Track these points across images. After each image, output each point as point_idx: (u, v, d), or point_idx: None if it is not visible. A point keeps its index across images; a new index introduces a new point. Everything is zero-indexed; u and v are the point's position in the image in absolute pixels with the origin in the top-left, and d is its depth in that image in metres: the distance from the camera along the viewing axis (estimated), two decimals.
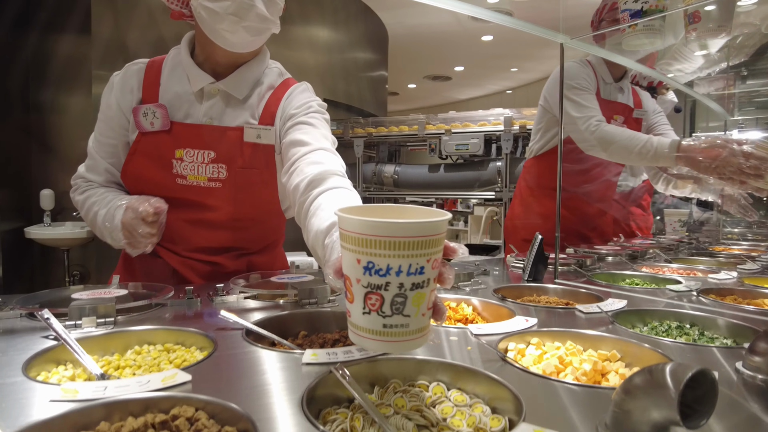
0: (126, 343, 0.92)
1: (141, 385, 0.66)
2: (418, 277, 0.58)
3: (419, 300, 0.59)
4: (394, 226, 0.55)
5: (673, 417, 0.49)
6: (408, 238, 0.56)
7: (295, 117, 1.33)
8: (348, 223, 0.58)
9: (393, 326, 0.59)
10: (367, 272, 0.57)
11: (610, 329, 1.01)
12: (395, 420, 0.66)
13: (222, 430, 0.60)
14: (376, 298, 0.58)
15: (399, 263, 0.56)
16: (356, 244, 0.57)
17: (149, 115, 1.30)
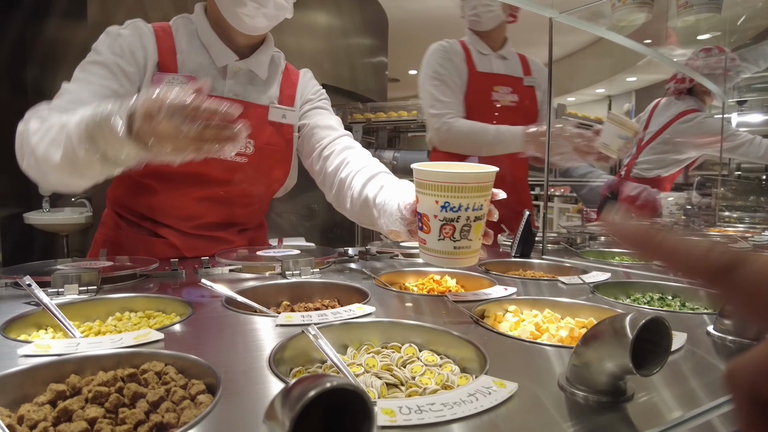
0: (108, 311, 0.94)
1: (113, 342, 0.67)
2: (479, 211, 0.83)
3: (478, 228, 0.84)
4: (466, 176, 0.79)
5: (626, 364, 0.49)
6: (474, 184, 0.80)
7: (312, 101, 1.44)
8: (427, 174, 0.81)
9: (461, 248, 0.84)
10: (443, 209, 0.81)
11: (590, 299, 1.02)
12: (364, 378, 0.67)
13: (189, 383, 0.61)
14: (450, 228, 0.82)
15: (468, 202, 0.81)
16: (435, 190, 0.81)
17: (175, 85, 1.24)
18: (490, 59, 2.05)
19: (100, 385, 0.59)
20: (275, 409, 0.35)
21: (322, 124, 1.38)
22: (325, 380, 0.34)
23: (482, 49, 2.05)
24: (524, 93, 2.08)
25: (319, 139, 1.36)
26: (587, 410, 0.52)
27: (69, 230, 3.66)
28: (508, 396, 0.53)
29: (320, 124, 1.38)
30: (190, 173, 1.26)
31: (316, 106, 1.44)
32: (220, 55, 1.29)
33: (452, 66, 1.99)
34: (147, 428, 0.54)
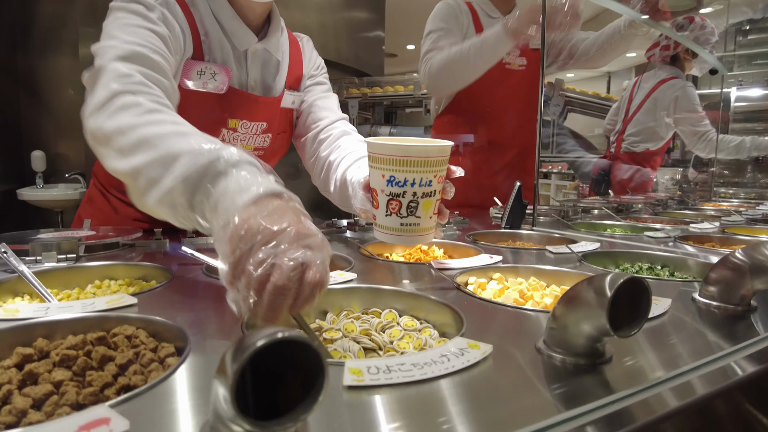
0: (88, 279, 0.92)
1: (85, 307, 0.66)
2: (427, 188, 0.78)
3: (427, 206, 0.80)
4: (409, 148, 0.75)
5: (603, 325, 0.48)
6: (420, 158, 0.76)
7: (315, 77, 1.36)
8: (375, 147, 0.78)
9: (408, 225, 0.80)
10: (389, 184, 0.78)
11: (577, 267, 1.00)
12: (342, 343, 0.66)
13: (159, 346, 0.59)
14: (396, 203, 0.79)
15: (413, 177, 0.77)
16: (381, 163, 0.77)
17: (206, 75, 1.12)
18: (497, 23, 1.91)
19: (69, 348, 0.58)
20: (225, 361, 0.33)
21: (321, 104, 1.32)
22: (274, 331, 0.32)
23: (491, 12, 1.97)
24: (532, 57, 2.00)
25: (316, 120, 1.30)
26: (564, 372, 0.51)
27: (63, 206, 3.63)
28: (482, 357, 0.52)
29: (319, 104, 1.32)
30: None
31: (317, 81, 1.37)
32: (242, 37, 1.16)
33: (456, 23, 1.90)
34: (114, 390, 0.53)
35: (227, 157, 0.65)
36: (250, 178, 0.62)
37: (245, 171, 0.64)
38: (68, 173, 3.75)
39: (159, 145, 0.70)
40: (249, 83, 1.23)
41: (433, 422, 0.41)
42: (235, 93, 1.18)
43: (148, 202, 0.70)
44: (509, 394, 0.46)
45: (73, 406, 0.50)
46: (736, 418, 0.51)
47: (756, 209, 2.11)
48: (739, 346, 0.58)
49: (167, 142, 0.70)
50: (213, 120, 1.17)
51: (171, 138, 0.71)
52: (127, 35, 0.92)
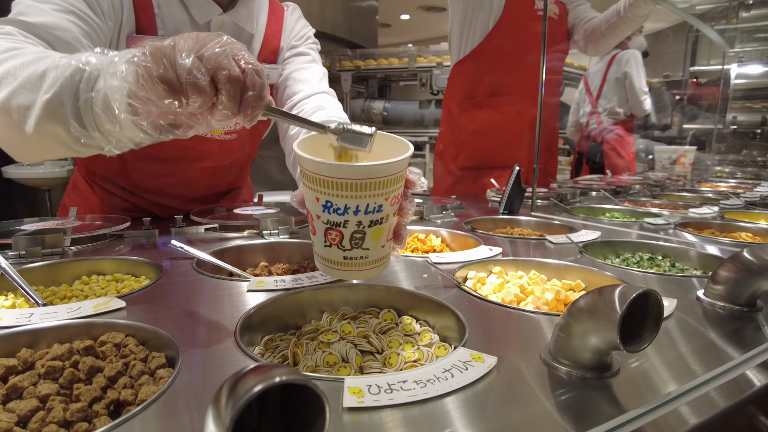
0: (74, 274, 0.89)
1: (70, 312, 0.63)
2: (376, 214, 0.59)
3: (378, 235, 0.61)
4: (350, 169, 0.56)
5: (612, 340, 0.46)
6: (365, 180, 0.56)
7: (296, 47, 1.24)
8: (305, 162, 0.58)
9: (353, 258, 0.62)
10: (326, 210, 0.59)
11: (578, 260, 0.98)
12: (339, 346, 0.64)
13: (150, 356, 0.57)
14: (336, 234, 0.60)
15: (357, 203, 0.57)
16: (314, 183, 0.58)
17: None
18: None
19: (54, 359, 0.55)
20: (221, 399, 0.31)
21: (297, 76, 1.19)
22: (273, 374, 0.30)
23: None
24: (561, 8, 1.95)
25: (290, 95, 1.17)
26: (571, 387, 0.49)
27: (50, 184, 3.56)
28: (486, 371, 0.50)
29: (294, 76, 1.20)
30: (179, 154, 1.17)
31: (299, 52, 1.24)
32: (202, 8, 1.08)
33: None
34: (103, 405, 0.50)
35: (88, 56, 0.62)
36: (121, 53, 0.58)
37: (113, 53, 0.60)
38: None
39: (20, 74, 0.66)
40: None
41: None
42: None
43: (28, 130, 0.65)
44: (516, 414, 0.45)
45: (60, 424, 0.48)
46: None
47: (754, 191, 2.09)
48: (750, 354, 0.56)
49: (28, 69, 0.66)
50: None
51: (31, 65, 0.66)
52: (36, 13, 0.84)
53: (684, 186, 2.39)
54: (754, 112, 3.34)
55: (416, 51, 4.77)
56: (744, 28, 3.31)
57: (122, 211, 1.27)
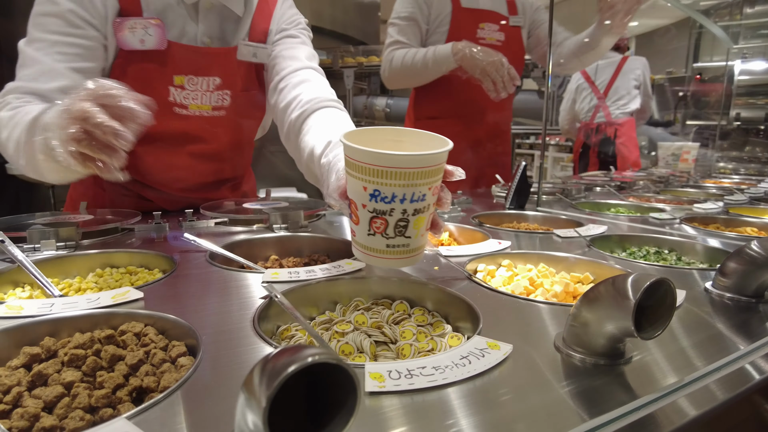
0: (88, 267, 0.90)
1: (90, 302, 0.64)
2: (420, 203, 0.63)
3: (419, 223, 0.65)
4: (400, 158, 0.59)
5: (627, 327, 0.47)
6: (413, 169, 0.60)
7: (285, 30, 1.27)
8: (355, 152, 0.61)
9: (395, 246, 0.66)
10: (373, 199, 0.62)
11: (586, 253, 0.99)
12: (353, 336, 0.65)
13: (169, 344, 0.58)
14: (381, 222, 0.64)
15: (403, 192, 0.61)
16: (363, 173, 0.61)
17: (138, 30, 1.07)
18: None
19: (77, 347, 0.56)
20: (253, 382, 0.32)
21: (285, 54, 1.22)
22: (306, 354, 0.31)
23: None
24: (510, 33, 1.96)
25: (278, 71, 1.20)
26: (584, 373, 0.50)
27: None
28: (503, 358, 0.51)
29: (283, 54, 1.22)
30: (169, 133, 1.17)
31: (287, 35, 1.27)
32: None
33: (426, 4, 1.86)
34: (126, 392, 0.52)
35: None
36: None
37: None
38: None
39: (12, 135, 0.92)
40: (200, 37, 1.15)
41: (457, 429, 0.41)
42: (177, 46, 1.11)
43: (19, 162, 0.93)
44: (533, 399, 0.46)
45: (85, 409, 0.49)
46: (757, 421, 0.51)
47: (758, 187, 2.10)
48: (758, 344, 0.57)
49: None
50: (158, 78, 1.12)
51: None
52: (30, 69, 1.01)
53: (688, 182, 2.40)
54: (757, 108, 3.34)
55: None
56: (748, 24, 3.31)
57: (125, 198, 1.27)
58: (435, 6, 1.86)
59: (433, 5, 1.86)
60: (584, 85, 3.48)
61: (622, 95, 3.29)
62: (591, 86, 3.44)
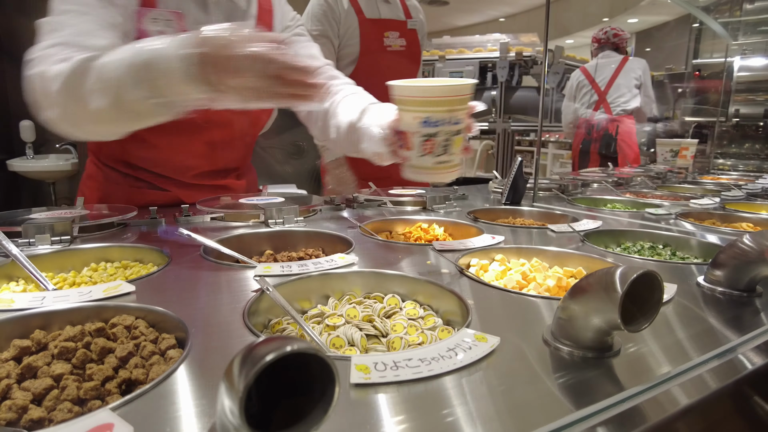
0: (83, 261, 0.90)
1: (81, 296, 0.64)
2: (458, 125, 0.81)
3: (458, 142, 0.83)
4: (443, 88, 0.78)
5: (614, 319, 0.47)
6: (453, 97, 0.78)
7: (291, 28, 1.33)
8: (407, 90, 0.80)
9: (441, 162, 0.83)
10: (424, 125, 0.80)
11: (579, 248, 0.99)
12: (344, 329, 0.65)
13: (160, 337, 0.58)
14: (430, 144, 0.81)
15: (447, 116, 0.79)
16: (414, 105, 0.80)
17: (160, 22, 1.09)
18: (376, 3, 1.95)
19: (67, 340, 0.57)
20: (233, 371, 0.32)
21: (304, 53, 1.29)
22: (284, 344, 0.31)
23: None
24: (410, 36, 2.04)
25: None
26: (572, 366, 0.50)
27: (55, 177, 3.57)
28: (489, 351, 0.51)
29: (301, 53, 1.29)
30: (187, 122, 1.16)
31: (296, 32, 1.34)
32: None
33: (335, 20, 1.88)
34: (115, 384, 0.52)
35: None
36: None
37: None
38: (59, 143, 3.67)
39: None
40: None
41: (441, 421, 0.41)
42: None
43: (95, 104, 0.81)
44: (519, 391, 0.46)
45: (74, 401, 0.49)
46: (746, 412, 0.51)
47: (756, 183, 2.10)
48: (747, 337, 0.58)
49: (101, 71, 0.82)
50: None
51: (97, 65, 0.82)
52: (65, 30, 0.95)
53: (686, 178, 2.39)
54: (756, 104, 3.33)
55: None
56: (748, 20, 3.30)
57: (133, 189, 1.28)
58: (343, 21, 1.89)
59: (341, 20, 1.89)
60: (584, 83, 3.50)
61: (623, 92, 3.33)
62: (591, 84, 3.46)
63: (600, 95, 3.42)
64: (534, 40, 4.61)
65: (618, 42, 3.46)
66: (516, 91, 4.38)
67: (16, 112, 3.58)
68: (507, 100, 4.35)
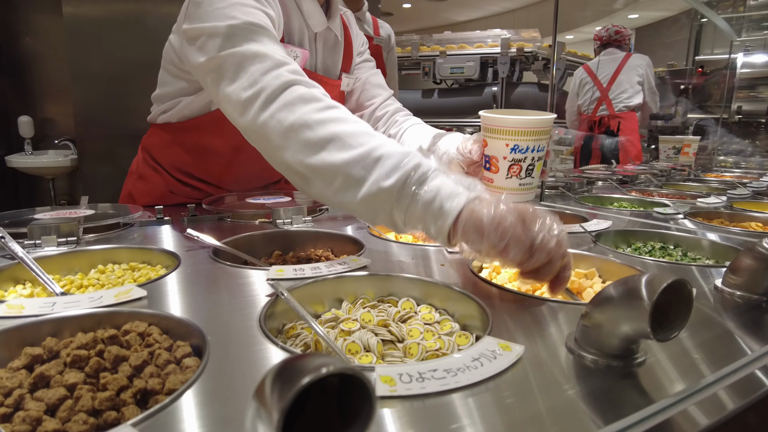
0: (90, 263, 0.89)
1: (92, 301, 0.63)
2: (541, 152, 0.92)
3: (539, 167, 0.94)
4: (534, 121, 0.88)
5: (643, 329, 0.46)
6: (541, 128, 0.89)
7: (362, 54, 1.38)
8: (501, 121, 0.90)
9: (525, 184, 0.93)
10: (513, 151, 0.90)
11: (591, 248, 0.98)
12: (360, 335, 0.64)
13: (174, 345, 0.57)
14: (517, 168, 0.91)
15: (534, 144, 0.90)
16: (506, 134, 0.90)
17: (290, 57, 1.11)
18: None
19: (79, 348, 0.55)
20: (265, 391, 0.31)
21: (373, 81, 1.35)
22: (319, 363, 0.30)
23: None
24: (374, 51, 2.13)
25: (371, 98, 1.34)
26: (598, 376, 0.49)
27: (54, 173, 3.54)
28: (516, 360, 0.50)
29: (372, 81, 1.35)
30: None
31: (366, 58, 1.38)
32: (318, 18, 1.13)
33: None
34: (130, 394, 0.51)
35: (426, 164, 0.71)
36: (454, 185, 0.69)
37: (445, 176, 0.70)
38: (57, 139, 3.64)
39: (353, 143, 0.72)
40: (317, 65, 1.21)
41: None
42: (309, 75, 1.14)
43: (346, 199, 0.73)
44: (546, 403, 0.45)
45: (89, 412, 0.48)
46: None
47: (760, 181, 2.09)
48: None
49: (360, 140, 0.73)
50: None
51: (362, 137, 0.73)
52: (244, 15, 0.87)
53: (689, 175, 2.38)
54: (759, 101, 3.32)
55: (419, 40, 4.74)
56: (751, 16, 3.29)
57: (188, 196, 1.30)
58: None
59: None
60: (587, 80, 3.50)
61: (626, 89, 3.33)
62: (594, 80, 3.45)
63: (602, 92, 3.41)
64: (535, 36, 4.58)
65: (620, 39, 3.46)
66: (517, 87, 4.36)
67: (15, 107, 3.55)
68: (508, 96, 4.33)
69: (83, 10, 2.80)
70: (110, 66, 2.88)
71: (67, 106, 3.36)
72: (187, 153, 1.22)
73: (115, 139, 2.96)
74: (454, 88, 4.75)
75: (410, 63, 4.93)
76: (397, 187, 0.69)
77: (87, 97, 2.96)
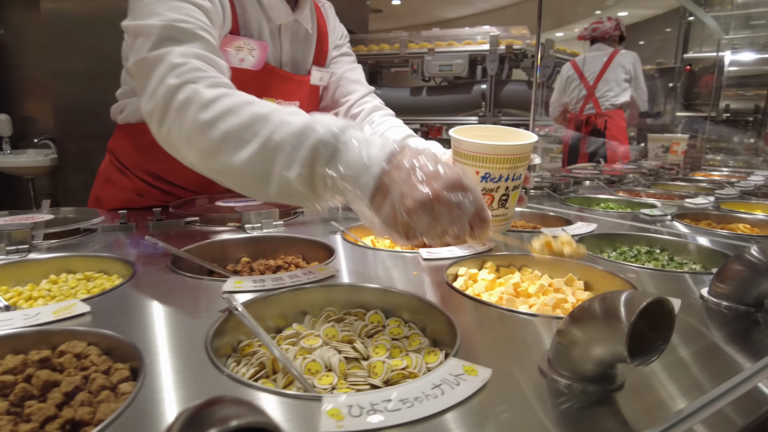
0: (44, 272, 0.83)
1: (27, 319, 0.58)
2: (517, 181, 0.80)
3: (514, 197, 0.82)
4: (508, 148, 0.76)
5: (619, 352, 0.42)
6: (516, 155, 0.77)
7: (340, 47, 1.32)
8: (471, 146, 0.77)
9: (498, 216, 0.81)
10: (483, 180, 0.78)
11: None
12: (322, 352, 0.59)
13: (113, 368, 0.52)
14: (489, 198, 0.79)
15: (507, 173, 0.78)
16: (476, 161, 0.77)
17: (244, 50, 1.05)
18: None
19: (5, 372, 0.50)
20: None
21: (350, 77, 1.29)
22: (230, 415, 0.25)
23: None
24: None
25: (346, 94, 1.28)
26: (573, 403, 0.45)
27: (34, 173, 3.46)
28: (480, 386, 0.45)
29: (348, 77, 1.29)
30: None
31: (344, 52, 1.32)
32: (280, 10, 1.09)
33: None
34: (57, 425, 0.45)
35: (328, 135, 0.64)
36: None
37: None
38: (37, 138, 3.55)
39: (246, 137, 0.67)
40: (283, 59, 1.15)
41: None
42: (270, 70, 1.10)
43: (266, 195, 0.69)
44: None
45: None
46: None
47: (748, 180, 2.07)
48: (764, 364, 0.53)
49: (254, 130, 0.68)
50: None
51: (255, 125, 0.68)
52: (170, 11, 0.82)
53: (677, 175, 2.36)
54: (746, 99, 3.32)
55: (407, 37, 4.69)
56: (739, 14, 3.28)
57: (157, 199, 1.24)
58: None
59: None
60: (574, 76, 3.46)
61: (612, 87, 3.29)
62: (580, 78, 3.42)
63: (588, 90, 3.38)
64: (524, 33, 4.54)
65: (600, 35, 3.40)
66: (506, 85, 4.32)
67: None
68: (497, 94, 4.29)
69: (62, 6, 2.72)
70: (91, 63, 2.80)
71: (46, 104, 3.27)
72: (150, 154, 1.16)
73: (96, 138, 2.88)
74: (443, 86, 4.71)
75: (399, 60, 4.88)
76: (304, 175, 0.64)
77: (67, 95, 2.89)
